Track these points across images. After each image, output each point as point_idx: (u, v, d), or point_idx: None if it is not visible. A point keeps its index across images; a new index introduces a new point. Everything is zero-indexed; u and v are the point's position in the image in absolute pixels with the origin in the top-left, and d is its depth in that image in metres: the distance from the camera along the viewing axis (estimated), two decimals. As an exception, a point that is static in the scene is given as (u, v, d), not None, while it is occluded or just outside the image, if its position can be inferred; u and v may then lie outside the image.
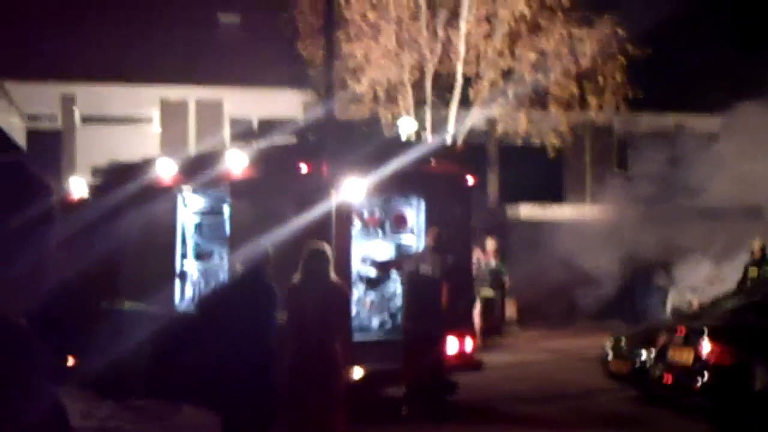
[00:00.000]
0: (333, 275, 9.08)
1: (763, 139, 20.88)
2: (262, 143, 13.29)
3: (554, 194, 25.99)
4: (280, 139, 13.45)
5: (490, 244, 20.89)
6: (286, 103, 24.14)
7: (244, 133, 16.54)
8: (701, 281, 21.30)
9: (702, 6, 21.71)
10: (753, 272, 17.75)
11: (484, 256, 20.83)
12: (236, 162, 12.24)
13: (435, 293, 12.50)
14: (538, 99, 21.92)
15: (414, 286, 12.62)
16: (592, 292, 22.92)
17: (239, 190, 12.40)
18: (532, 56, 21.38)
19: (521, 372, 16.63)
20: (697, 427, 11.83)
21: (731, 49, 23.65)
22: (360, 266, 13.09)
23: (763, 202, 20.57)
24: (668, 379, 11.91)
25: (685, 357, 11.58)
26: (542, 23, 21.47)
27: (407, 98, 21.72)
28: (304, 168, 11.87)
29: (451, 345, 12.90)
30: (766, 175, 20.35)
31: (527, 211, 25.11)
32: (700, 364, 11.23)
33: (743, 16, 21.99)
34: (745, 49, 23.57)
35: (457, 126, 21.67)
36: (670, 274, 22.24)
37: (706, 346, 11.20)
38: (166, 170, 13.46)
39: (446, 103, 21.91)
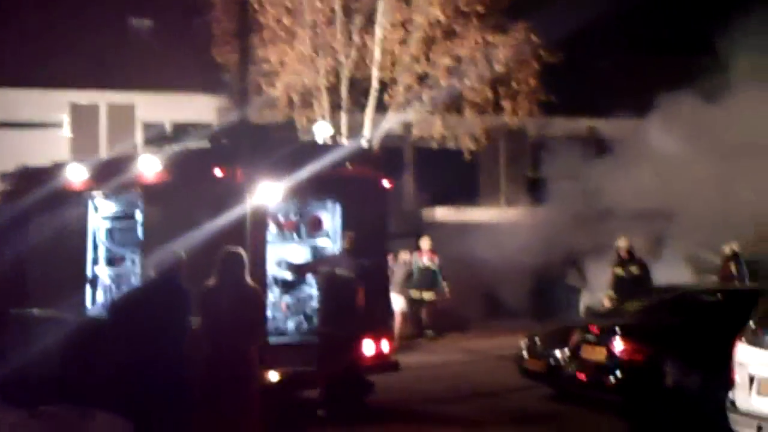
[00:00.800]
0: (248, 279, 9.05)
1: (673, 141, 21.34)
2: (176, 147, 13.15)
3: (469, 197, 26.21)
4: (193, 143, 13.32)
5: (425, 243, 21.08)
6: (199, 108, 23.92)
7: (156, 138, 16.29)
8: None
9: (614, 12, 22.10)
10: (618, 272, 17.99)
11: (419, 255, 21.05)
12: (149, 166, 12.13)
13: (351, 295, 12.56)
14: (454, 103, 22.08)
15: (330, 288, 12.65)
16: (508, 292, 23.21)
17: (152, 194, 12.27)
18: (448, 61, 21.52)
19: (438, 372, 16.74)
20: (610, 423, 12.04)
21: (642, 54, 24.14)
22: (275, 270, 13.09)
23: (673, 204, 20.98)
24: (582, 376, 12.11)
25: (598, 355, 11.78)
26: (457, 29, 21.62)
27: (323, 103, 21.70)
28: (218, 172, 11.80)
29: (368, 346, 12.94)
30: (676, 178, 20.78)
31: (443, 214, 25.30)
32: (612, 361, 11.44)
33: (654, 21, 22.44)
34: (656, 53, 24.08)
35: (372, 130, 21.71)
36: (582, 274, 22.62)
37: (618, 344, 11.41)
38: (76, 175, 13.25)
39: (362, 108, 21.94)
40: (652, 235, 21.44)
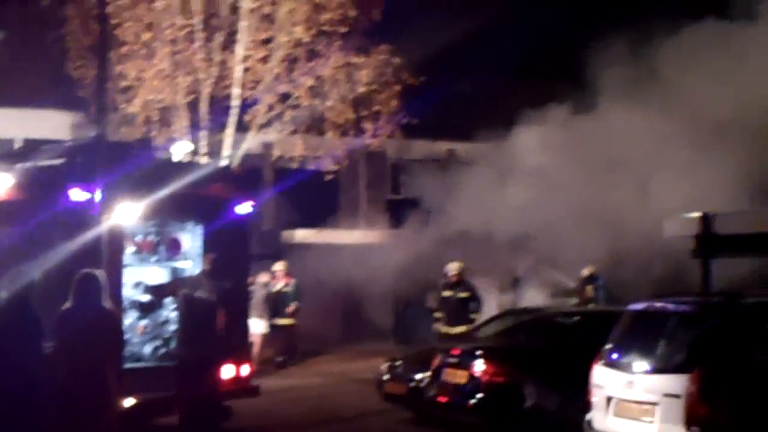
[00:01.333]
0: (106, 302, 8.77)
1: (530, 166, 21.71)
2: (28, 165, 12.66)
3: (330, 219, 26.14)
4: (47, 160, 12.86)
5: (279, 266, 20.70)
6: (53, 124, 23.15)
7: (7, 154, 15.67)
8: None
9: (476, 36, 22.44)
10: (446, 294, 18.19)
11: (273, 280, 20.68)
12: (-1, 184, 11.66)
13: (210, 318, 12.26)
14: (315, 124, 22.02)
15: (189, 311, 12.34)
16: (368, 315, 23.21)
17: (2, 213, 11.78)
18: (310, 82, 21.46)
19: (298, 396, 16.58)
20: (469, 445, 12.13)
21: (503, 77, 24.55)
22: (132, 292, 12.76)
23: (528, 228, 21.30)
24: (443, 399, 12.16)
25: (460, 377, 11.85)
26: (320, 49, 21.59)
27: (182, 121, 21.32)
28: (73, 191, 11.43)
29: (227, 371, 12.70)
30: (535, 200, 21.11)
31: (303, 235, 25.15)
32: (473, 383, 11.53)
33: (515, 46, 22.88)
34: (516, 77, 24.53)
35: (233, 150, 21.44)
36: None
37: (479, 366, 11.50)
38: None
39: (222, 127, 21.65)
40: (510, 258, 21.77)
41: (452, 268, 18.35)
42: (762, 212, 14.02)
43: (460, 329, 17.41)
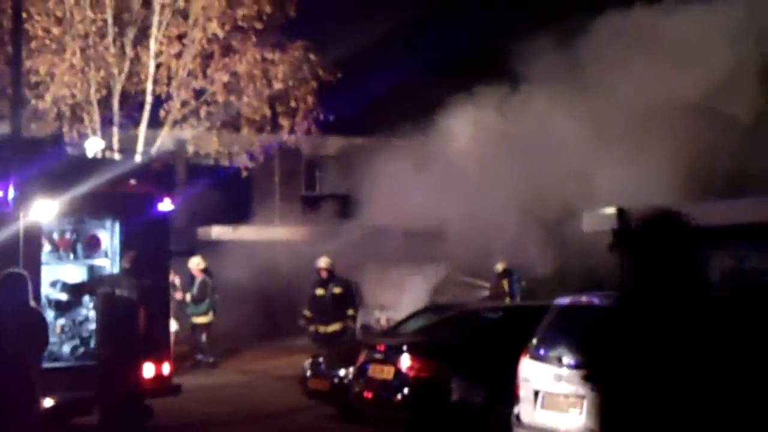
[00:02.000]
0: (32, 301, 8.59)
1: (442, 161, 21.84)
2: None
3: (244, 215, 25.96)
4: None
5: (193, 263, 20.07)
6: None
7: None
8: (389, 299, 22.01)
9: (391, 34, 22.49)
10: (319, 292, 18.08)
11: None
12: None
13: (131, 317, 12.10)
14: (231, 120, 21.83)
15: (109, 309, 12.16)
16: (285, 312, 23.07)
17: None
18: (225, 78, 21.26)
19: (217, 394, 16.41)
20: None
21: (421, 75, 24.65)
22: (50, 290, 12.50)
23: (443, 223, 21.41)
24: (369, 394, 12.14)
25: (386, 373, 11.85)
26: (235, 45, 21.41)
27: (94, 117, 20.94)
28: (-15, 188, 11.17)
29: (147, 369, 12.52)
30: (449, 198, 21.23)
31: (219, 232, 24.94)
32: (399, 378, 11.54)
33: (431, 44, 22.99)
34: (430, 76, 24.63)
35: (146, 146, 21.12)
36: (358, 292, 22.77)
37: (405, 361, 11.52)
38: None
39: (135, 123, 21.34)
40: (424, 255, 21.85)
41: (321, 263, 17.92)
42: (678, 206, 14.27)
43: (335, 327, 17.30)
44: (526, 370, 9.96)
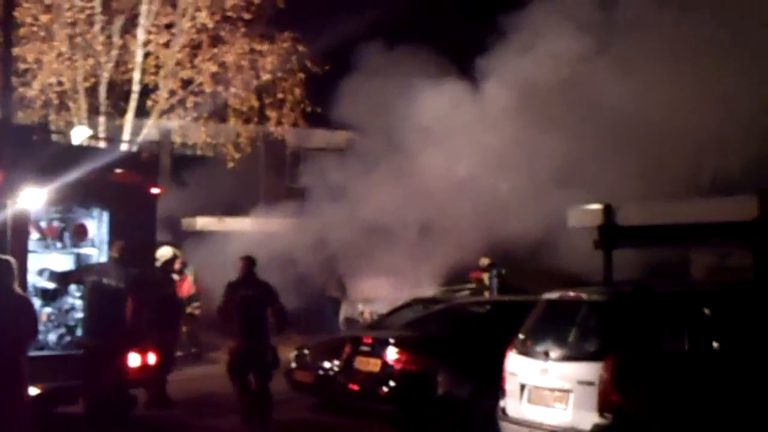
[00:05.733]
0: (17, 287, 8.57)
1: (430, 155, 21.82)
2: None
3: (229, 206, 25.92)
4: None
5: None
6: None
7: None
8: (372, 293, 22.03)
9: (380, 29, 22.43)
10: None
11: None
12: None
13: (118, 306, 12.11)
14: (218, 111, 21.81)
15: (96, 298, 12.18)
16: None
17: None
18: (213, 68, 21.23)
19: (201, 385, 16.42)
20: (377, 432, 12.22)
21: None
22: (36, 279, 12.48)
23: (427, 218, 21.44)
24: (354, 387, 12.20)
25: (372, 365, 11.91)
26: (224, 35, 21.39)
27: (81, 105, 20.88)
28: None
29: (133, 359, 12.52)
30: (432, 192, 21.25)
31: (203, 223, 24.90)
32: (386, 371, 11.59)
33: (421, 37, 22.89)
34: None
35: (133, 136, 21.07)
36: (342, 285, 22.81)
37: (392, 354, 11.57)
38: None
39: (122, 112, 21.29)
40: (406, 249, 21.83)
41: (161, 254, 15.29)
42: (663, 204, 14.39)
43: None
44: (513, 364, 10.03)
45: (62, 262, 12.97)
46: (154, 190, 13.27)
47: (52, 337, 12.56)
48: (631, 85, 17.81)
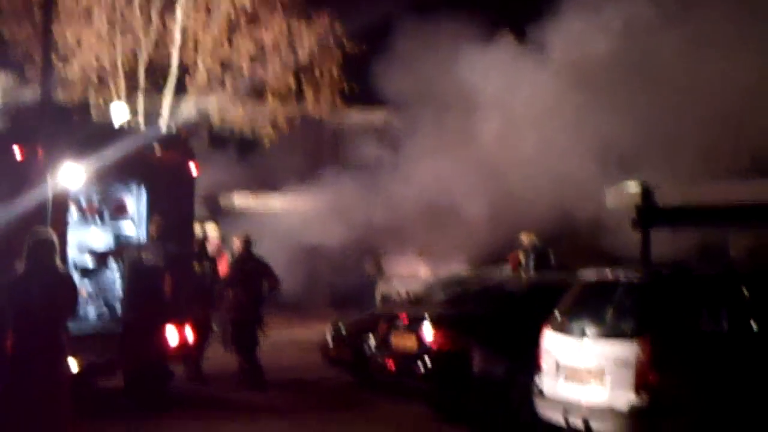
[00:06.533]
0: (59, 263, 8.64)
1: (464, 135, 21.77)
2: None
3: (268, 184, 26.00)
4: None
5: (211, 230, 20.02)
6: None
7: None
8: (408, 271, 22.08)
9: (418, 6, 22.34)
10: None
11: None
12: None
13: (157, 283, 12.29)
14: (256, 90, 21.85)
15: (135, 275, 12.32)
16: (307, 282, 23.17)
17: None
18: (251, 47, 21.27)
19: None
20: (417, 410, 12.23)
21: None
22: (76, 255, 12.63)
23: (460, 198, 21.38)
24: (391, 364, 12.23)
25: (408, 343, 11.92)
26: (261, 15, 21.40)
27: (120, 84, 21.03)
28: (17, 152, 11.24)
29: (171, 335, 12.65)
30: (463, 172, 21.17)
31: (241, 201, 25.00)
32: (422, 349, 11.59)
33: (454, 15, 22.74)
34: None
35: (171, 114, 21.20)
36: (379, 264, 22.88)
37: (428, 333, 11.57)
38: None
39: (160, 91, 21.40)
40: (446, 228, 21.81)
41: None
42: (702, 185, 14.28)
43: None
44: (549, 342, 10.01)
45: (101, 238, 13.11)
46: (192, 169, 13.35)
47: (91, 312, 12.75)
48: (691, 64, 17.60)
